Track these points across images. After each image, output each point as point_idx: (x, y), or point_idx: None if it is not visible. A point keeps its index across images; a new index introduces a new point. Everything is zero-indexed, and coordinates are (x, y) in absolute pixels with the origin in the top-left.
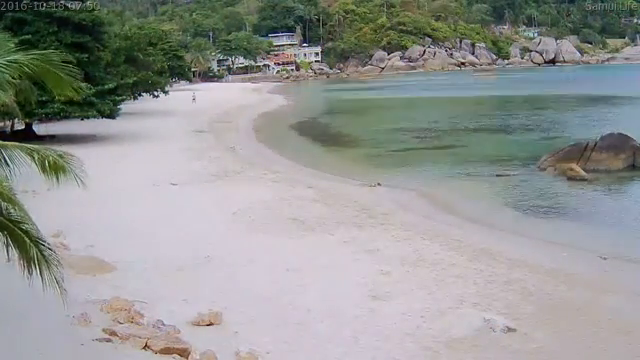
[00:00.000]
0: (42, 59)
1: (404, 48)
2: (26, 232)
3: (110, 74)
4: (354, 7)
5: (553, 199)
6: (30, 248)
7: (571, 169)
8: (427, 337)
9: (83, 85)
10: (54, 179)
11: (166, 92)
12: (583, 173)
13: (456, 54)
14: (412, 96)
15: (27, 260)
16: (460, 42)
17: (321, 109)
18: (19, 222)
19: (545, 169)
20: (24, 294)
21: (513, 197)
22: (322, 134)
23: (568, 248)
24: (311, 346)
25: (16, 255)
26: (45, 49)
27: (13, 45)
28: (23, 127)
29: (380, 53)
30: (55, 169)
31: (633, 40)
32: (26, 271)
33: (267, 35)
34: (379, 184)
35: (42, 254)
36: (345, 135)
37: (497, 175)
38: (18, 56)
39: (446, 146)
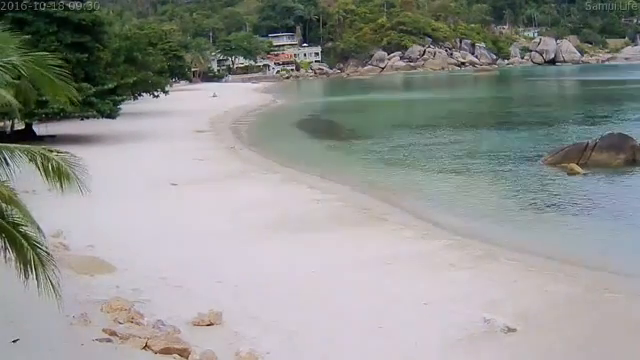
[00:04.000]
0: (37, 62)
1: (404, 48)
2: (24, 235)
3: (110, 74)
4: (354, 7)
5: (553, 198)
6: (27, 251)
7: (571, 169)
8: (427, 337)
9: (75, 92)
10: (57, 184)
11: (166, 92)
12: (582, 172)
13: (456, 54)
14: None
15: (24, 263)
16: (460, 42)
17: (319, 108)
18: (18, 225)
19: (546, 167)
20: (24, 294)
21: (514, 196)
22: (321, 132)
23: (568, 248)
24: (311, 346)
25: (13, 257)
26: (45, 49)
27: (13, 45)
28: (23, 127)
29: (380, 53)
30: (58, 174)
31: (633, 40)
32: (22, 274)
33: (267, 35)
34: (378, 183)
35: (39, 257)
36: (344, 132)
37: (498, 173)
38: (13, 58)
39: (447, 143)
